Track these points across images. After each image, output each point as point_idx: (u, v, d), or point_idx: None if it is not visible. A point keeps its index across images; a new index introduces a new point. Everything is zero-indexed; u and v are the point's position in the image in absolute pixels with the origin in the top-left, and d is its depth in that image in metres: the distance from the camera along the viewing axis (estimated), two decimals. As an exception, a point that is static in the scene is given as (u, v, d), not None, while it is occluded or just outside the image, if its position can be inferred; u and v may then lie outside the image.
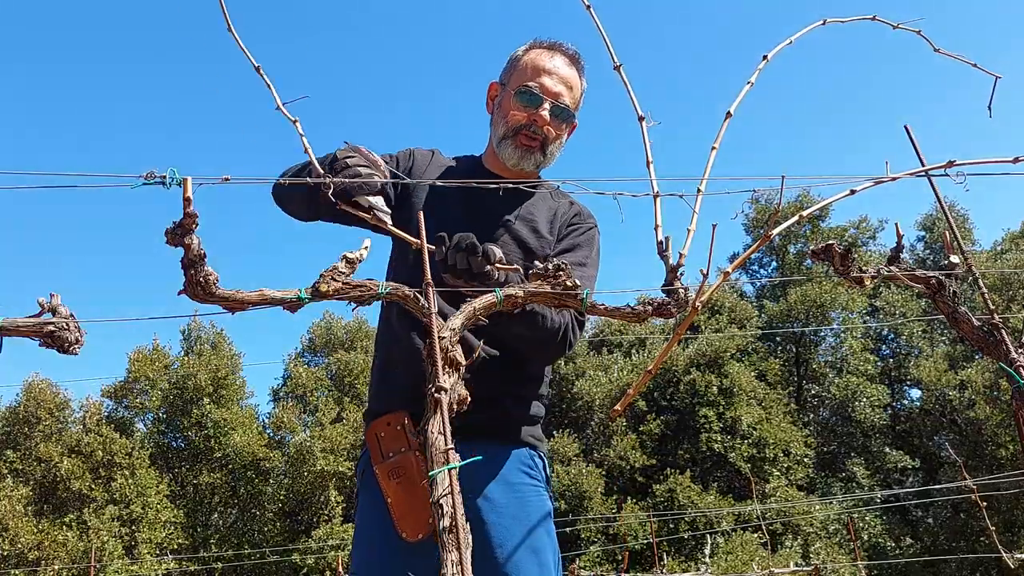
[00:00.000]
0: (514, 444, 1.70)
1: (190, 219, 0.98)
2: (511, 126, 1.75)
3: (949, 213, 1.64)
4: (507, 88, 1.80)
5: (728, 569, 14.07)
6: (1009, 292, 19.16)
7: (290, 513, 18.15)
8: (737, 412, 18.70)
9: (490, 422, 1.65)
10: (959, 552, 16.39)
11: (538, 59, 1.78)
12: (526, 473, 1.69)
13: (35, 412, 16.96)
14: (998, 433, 17.48)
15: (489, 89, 1.87)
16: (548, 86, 1.75)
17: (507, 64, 1.85)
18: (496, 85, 1.85)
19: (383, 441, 1.56)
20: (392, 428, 1.56)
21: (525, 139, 1.75)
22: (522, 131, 1.75)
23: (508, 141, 1.76)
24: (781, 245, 24.06)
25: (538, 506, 1.66)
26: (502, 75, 1.85)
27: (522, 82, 1.76)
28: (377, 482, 1.53)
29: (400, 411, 1.57)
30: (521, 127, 1.75)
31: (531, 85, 1.74)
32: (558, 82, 1.76)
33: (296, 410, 19.44)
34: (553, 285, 1.23)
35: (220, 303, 1.04)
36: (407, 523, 1.48)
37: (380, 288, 1.13)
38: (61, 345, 1.01)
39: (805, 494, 18.60)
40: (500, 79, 1.85)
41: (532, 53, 1.80)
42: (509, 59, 1.85)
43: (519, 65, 1.80)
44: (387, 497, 1.52)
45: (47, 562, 14.59)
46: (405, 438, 1.54)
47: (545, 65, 1.76)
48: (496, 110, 1.82)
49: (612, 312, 1.27)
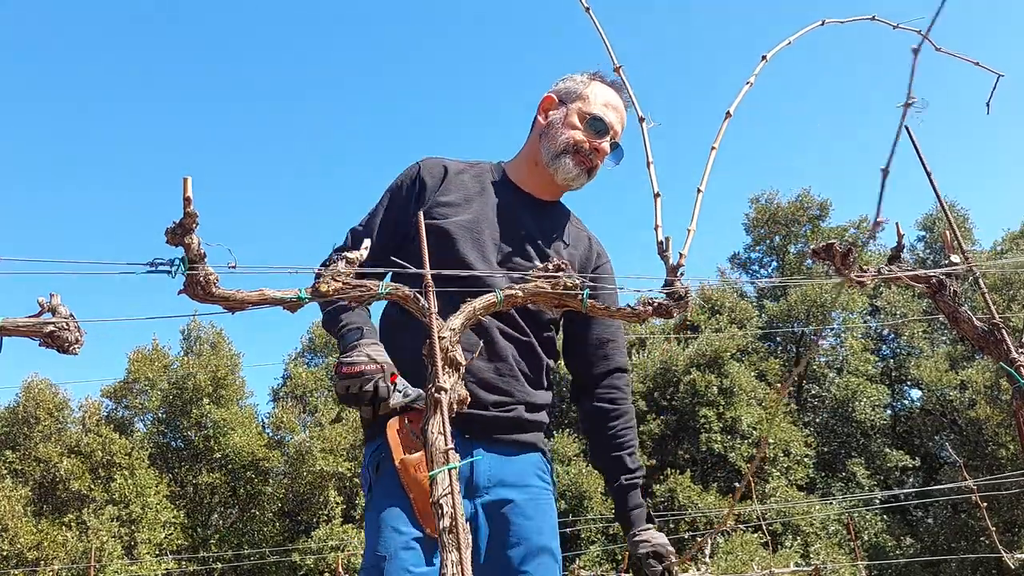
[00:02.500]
0: (531, 448, 1.77)
1: (190, 219, 0.98)
2: (573, 144, 1.83)
3: (949, 213, 1.64)
4: (569, 107, 1.87)
5: (728, 569, 14.07)
6: (1009, 292, 19.17)
7: (290, 513, 18.15)
8: (737, 412, 18.70)
9: (510, 425, 1.72)
10: (959, 552, 16.39)
11: (606, 93, 1.88)
12: (539, 476, 1.75)
13: (34, 412, 16.95)
14: (998, 433, 17.47)
15: (545, 101, 1.92)
16: (613, 122, 1.87)
17: (567, 84, 1.92)
18: (554, 99, 1.91)
19: (403, 436, 1.59)
20: (414, 424, 1.59)
21: (583, 158, 1.84)
22: (581, 153, 1.84)
23: (568, 157, 1.83)
24: (781, 245, 24.06)
25: (550, 509, 1.74)
26: (560, 93, 1.91)
27: (594, 110, 1.85)
28: (399, 476, 1.55)
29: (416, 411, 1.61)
30: (580, 149, 1.83)
31: (605, 117, 1.85)
32: (618, 121, 1.89)
33: (296, 410, 19.45)
34: (553, 285, 1.23)
35: (220, 303, 1.04)
36: (429, 519, 1.51)
37: (380, 288, 1.13)
38: (61, 345, 1.01)
39: (805, 494, 18.60)
40: (558, 96, 1.91)
41: (599, 85, 1.90)
42: (568, 80, 1.92)
43: (587, 91, 1.88)
44: (410, 492, 1.54)
45: (46, 562, 14.59)
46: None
47: (613, 102, 1.88)
48: (553, 124, 1.87)
49: (612, 312, 1.27)
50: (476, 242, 1.75)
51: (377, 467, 1.66)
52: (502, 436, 1.70)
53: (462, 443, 1.62)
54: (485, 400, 1.68)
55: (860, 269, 1.47)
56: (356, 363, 1.54)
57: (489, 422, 1.68)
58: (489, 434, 1.68)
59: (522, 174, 1.91)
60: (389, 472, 1.59)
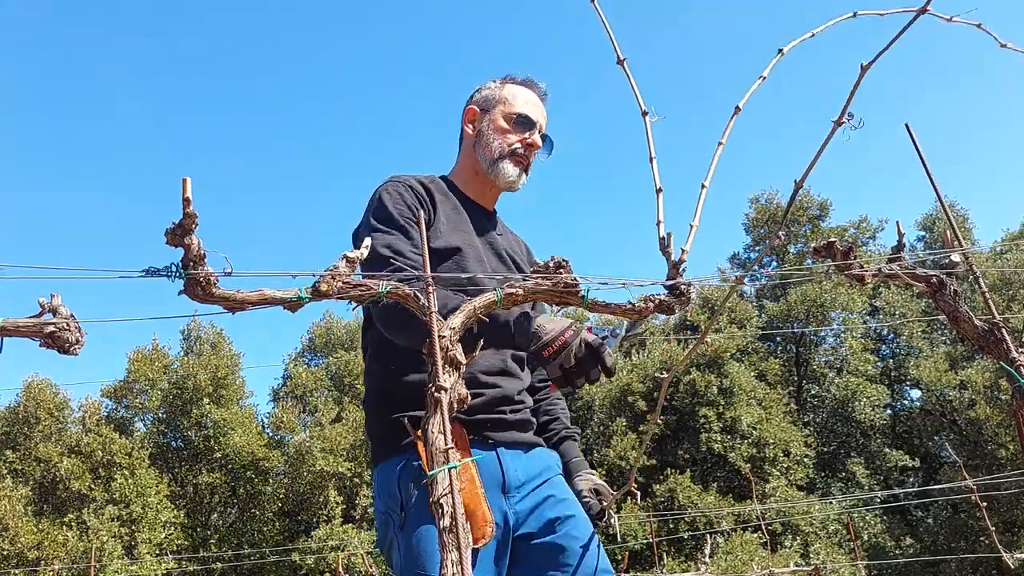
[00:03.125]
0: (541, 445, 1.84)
1: (190, 219, 0.98)
2: (508, 147, 1.89)
3: (949, 212, 1.64)
4: (492, 113, 1.93)
5: (728, 569, 14.07)
6: (1009, 292, 19.17)
7: (290, 513, 18.16)
8: (737, 412, 18.71)
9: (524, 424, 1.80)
10: (959, 552, 16.39)
11: (521, 91, 1.95)
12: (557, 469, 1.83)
13: (35, 412, 16.96)
14: (998, 433, 17.47)
15: (467, 113, 1.97)
16: (537, 116, 1.94)
17: (483, 93, 1.97)
18: (476, 111, 1.96)
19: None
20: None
21: (519, 159, 1.90)
22: (516, 154, 1.90)
23: (506, 160, 1.89)
24: (781, 245, 24.06)
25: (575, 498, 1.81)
26: (479, 102, 1.96)
27: (515, 109, 1.92)
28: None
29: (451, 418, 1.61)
30: (515, 151, 1.89)
31: (528, 113, 1.91)
32: (540, 115, 1.95)
33: (296, 410, 19.45)
34: (554, 282, 1.23)
35: (220, 303, 1.04)
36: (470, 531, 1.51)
37: (380, 288, 1.13)
38: (61, 345, 1.01)
39: (805, 494, 18.60)
40: (478, 105, 1.96)
41: (513, 86, 1.96)
42: (484, 89, 1.98)
43: (503, 94, 1.94)
44: None
45: (47, 562, 14.59)
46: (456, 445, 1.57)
47: (528, 98, 1.95)
48: (483, 132, 1.92)
49: (613, 309, 1.27)
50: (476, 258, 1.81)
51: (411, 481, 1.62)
52: (520, 436, 1.76)
53: (490, 450, 1.67)
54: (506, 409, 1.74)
55: (860, 267, 1.47)
56: (552, 338, 1.54)
57: (512, 427, 1.74)
58: (513, 437, 1.74)
59: (468, 186, 1.95)
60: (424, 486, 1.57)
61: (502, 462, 1.67)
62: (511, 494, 1.66)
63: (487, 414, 1.69)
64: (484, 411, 1.69)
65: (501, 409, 1.72)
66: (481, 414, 1.68)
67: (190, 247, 1.00)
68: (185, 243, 0.99)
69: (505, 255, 1.91)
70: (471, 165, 1.95)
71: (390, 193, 1.77)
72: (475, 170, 1.94)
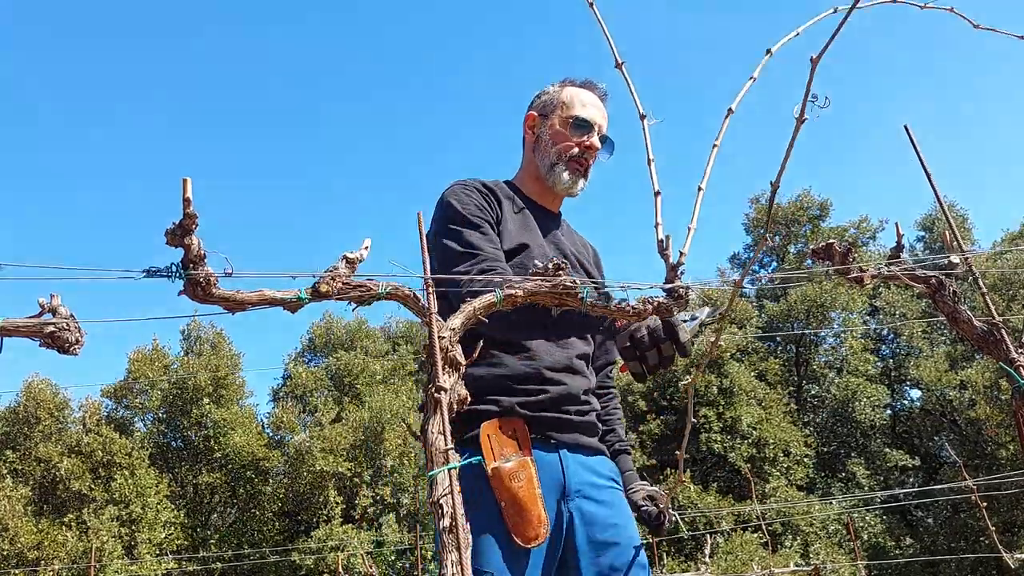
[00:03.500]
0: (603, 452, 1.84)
1: (190, 219, 0.98)
2: (565, 153, 1.90)
3: (949, 213, 1.64)
4: (551, 118, 1.94)
5: (728, 569, 14.07)
6: (1009, 292, 19.17)
7: (290, 513, 18.16)
8: (737, 412, 18.71)
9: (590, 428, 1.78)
10: (959, 552, 16.39)
11: (581, 93, 1.95)
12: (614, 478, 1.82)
13: (35, 412, 16.96)
14: (998, 433, 17.48)
15: (528, 120, 1.99)
16: (595, 117, 1.92)
17: (543, 99, 1.98)
18: (535, 116, 1.98)
19: (495, 443, 1.60)
20: (505, 432, 1.62)
21: (576, 164, 1.91)
22: (575, 158, 1.90)
23: (562, 166, 1.90)
24: (781, 245, 24.09)
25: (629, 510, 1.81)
26: (538, 107, 1.98)
27: (572, 112, 1.91)
28: (491, 484, 1.56)
29: (514, 417, 1.64)
30: (573, 155, 1.90)
31: (585, 115, 1.91)
32: (600, 116, 1.94)
33: (296, 410, 19.46)
34: (553, 284, 1.23)
35: (220, 303, 1.04)
36: (520, 530, 1.53)
37: (380, 288, 1.13)
38: (61, 345, 1.01)
39: (805, 494, 18.60)
40: (537, 110, 1.98)
41: (571, 88, 1.96)
42: (544, 94, 1.99)
43: (561, 98, 1.95)
44: (500, 501, 1.55)
45: (47, 562, 14.59)
46: (517, 443, 1.61)
47: (587, 100, 1.94)
48: (541, 138, 1.94)
49: (612, 311, 1.27)
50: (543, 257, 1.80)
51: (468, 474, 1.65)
52: (584, 440, 1.74)
53: (551, 450, 1.66)
54: (571, 410, 1.73)
55: (860, 269, 1.47)
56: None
57: (576, 429, 1.74)
58: (577, 440, 1.73)
59: (531, 189, 1.98)
60: (481, 480, 1.58)
61: (564, 465, 1.66)
62: (570, 498, 1.65)
63: (551, 412, 1.69)
64: (549, 409, 1.69)
65: (566, 408, 1.71)
66: (545, 412, 1.68)
67: (190, 247, 1.00)
68: (185, 243, 1.00)
69: (571, 256, 1.93)
70: (533, 170, 1.97)
71: (458, 196, 1.82)
72: (536, 175, 1.96)
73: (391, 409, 17.60)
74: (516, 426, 1.63)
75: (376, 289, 1.13)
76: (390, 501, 17.51)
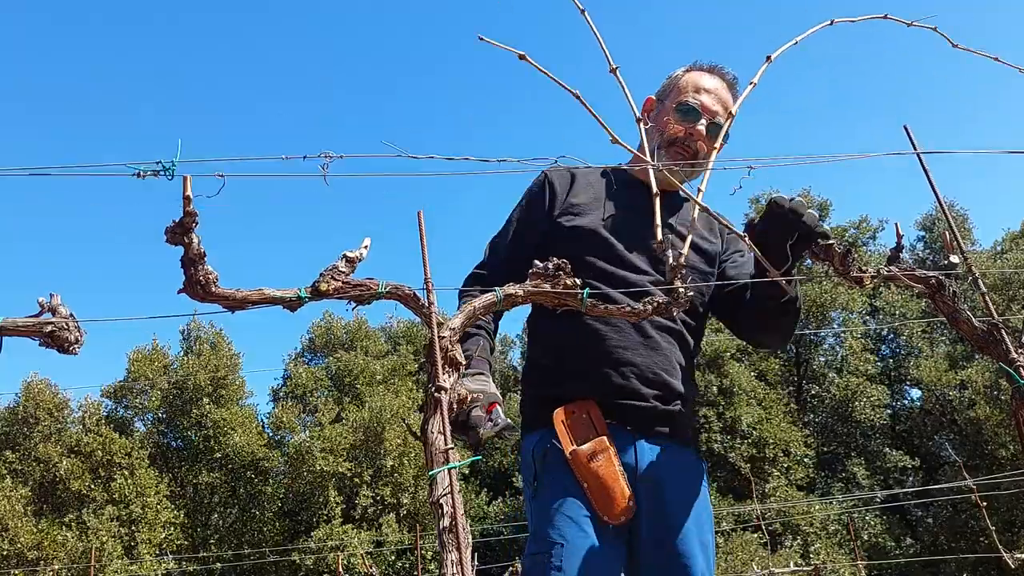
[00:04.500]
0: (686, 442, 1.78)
1: (190, 217, 0.98)
2: (667, 138, 1.85)
3: (949, 213, 1.64)
4: (665, 104, 1.91)
5: (728, 569, 14.07)
6: (1009, 292, 19.17)
7: (290, 513, 18.15)
8: (737, 412, 18.71)
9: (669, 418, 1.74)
10: (959, 552, 16.38)
11: (699, 79, 1.89)
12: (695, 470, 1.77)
13: (34, 412, 16.95)
14: (998, 433, 17.47)
15: (645, 103, 1.97)
16: (707, 104, 1.85)
17: (666, 82, 1.96)
18: (653, 100, 1.96)
19: (571, 428, 1.63)
20: (579, 416, 1.64)
21: (679, 149, 1.84)
22: (677, 143, 1.84)
23: (662, 152, 1.85)
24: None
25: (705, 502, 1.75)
26: (659, 92, 1.96)
27: (681, 98, 1.86)
28: (571, 467, 1.60)
29: (586, 400, 1.66)
30: (676, 140, 1.84)
31: (691, 101, 1.84)
32: (715, 102, 1.86)
33: (296, 410, 19.45)
34: (553, 284, 1.23)
35: (220, 302, 1.04)
36: (608, 506, 1.56)
37: (380, 287, 1.13)
38: (61, 345, 1.01)
39: (805, 494, 18.60)
40: (657, 95, 1.96)
41: (693, 73, 1.91)
42: (668, 78, 1.96)
43: (679, 83, 1.91)
44: (583, 481, 1.58)
45: (46, 562, 14.59)
46: (592, 425, 1.63)
47: (705, 85, 1.87)
48: (652, 123, 1.90)
49: (612, 311, 1.27)
50: (608, 241, 1.79)
51: (544, 456, 1.68)
52: (661, 429, 1.71)
53: (624, 435, 1.66)
54: (646, 393, 1.70)
55: (859, 269, 1.47)
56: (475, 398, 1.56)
57: (649, 415, 1.70)
58: (651, 427, 1.70)
59: (639, 172, 1.92)
60: (558, 462, 1.62)
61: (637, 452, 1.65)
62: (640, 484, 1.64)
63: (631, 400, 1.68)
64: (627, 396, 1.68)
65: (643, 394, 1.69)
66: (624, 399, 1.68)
67: (190, 245, 1.00)
68: (185, 241, 1.00)
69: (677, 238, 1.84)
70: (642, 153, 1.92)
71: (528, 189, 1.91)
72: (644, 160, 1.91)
73: (391, 409, 17.59)
74: (587, 408, 1.65)
75: (376, 288, 1.13)
76: (390, 501, 17.51)
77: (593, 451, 1.58)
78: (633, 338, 1.71)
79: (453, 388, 1.12)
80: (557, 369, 1.77)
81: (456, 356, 1.13)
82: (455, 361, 1.13)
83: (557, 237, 1.80)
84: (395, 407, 17.70)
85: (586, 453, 1.59)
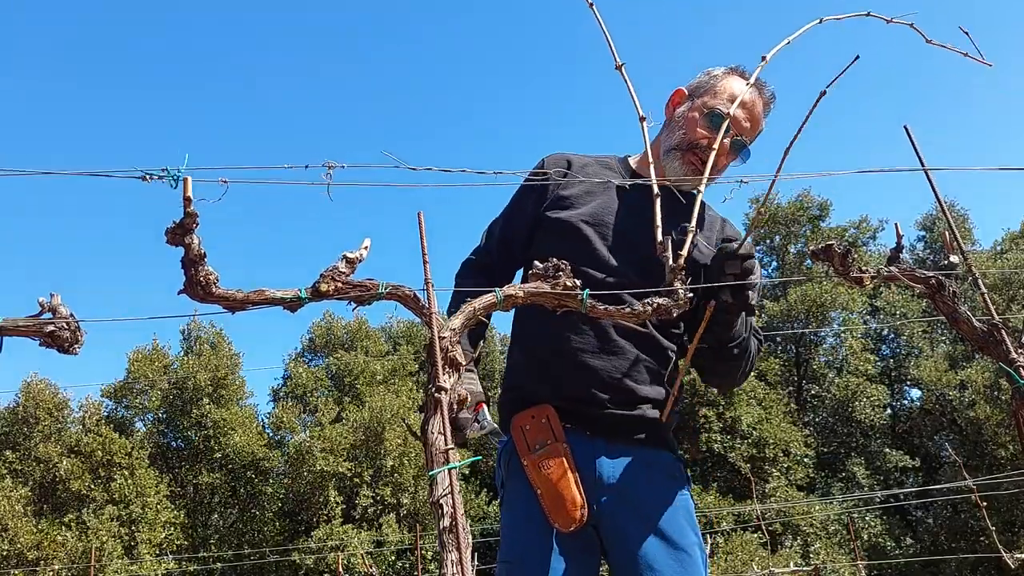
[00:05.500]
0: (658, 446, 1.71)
1: (190, 218, 0.98)
2: (688, 140, 1.75)
3: (949, 213, 1.64)
4: (695, 101, 1.80)
5: (728, 569, 14.07)
6: (1009, 292, 19.18)
7: (290, 513, 18.16)
8: (737, 412, 18.71)
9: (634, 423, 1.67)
10: (959, 552, 16.39)
11: (739, 88, 1.75)
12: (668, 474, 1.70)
13: (34, 412, 16.95)
14: (998, 433, 17.48)
15: (674, 94, 1.86)
16: (739, 118, 1.74)
17: (703, 78, 1.84)
18: (684, 93, 1.85)
19: (528, 433, 1.61)
20: (537, 421, 1.62)
21: (694, 157, 1.74)
22: (696, 150, 1.74)
23: (677, 153, 1.76)
24: (781, 245, 24.07)
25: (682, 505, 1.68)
26: (692, 86, 1.84)
27: (717, 105, 1.75)
28: (526, 474, 1.58)
29: (544, 404, 1.63)
30: (698, 146, 1.74)
31: (724, 112, 1.70)
32: (748, 118, 1.76)
33: (296, 410, 19.45)
34: (552, 285, 1.23)
35: (220, 302, 1.04)
36: (559, 514, 1.54)
37: (380, 288, 1.13)
38: (61, 345, 1.01)
39: (805, 494, 18.60)
40: (688, 89, 1.84)
41: (734, 80, 1.79)
42: (706, 74, 1.84)
43: (717, 86, 1.79)
44: (536, 488, 1.56)
45: (46, 562, 14.59)
46: (550, 430, 1.60)
47: (744, 98, 1.72)
48: (676, 119, 1.81)
49: (612, 313, 1.27)
50: (598, 235, 1.72)
51: (508, 464, 1.68)
52: (625, 434, 1.65)
53: (584, 441, 1.61)
54: (602, 399, 1.64)
55: (859, 269, 1.47)
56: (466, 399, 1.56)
57: (608, 420, 1.64)
58: (612, 432, 1.64)
59: (643, 166, 1.81)
60: (518, 468, 1.61)
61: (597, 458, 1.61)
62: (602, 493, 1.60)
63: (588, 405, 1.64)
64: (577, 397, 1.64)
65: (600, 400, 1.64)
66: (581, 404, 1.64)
67: (190, 246, 1.00)
68: (185, 242, 1.00)
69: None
70: (655, 148, 1.80)
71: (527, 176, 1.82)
72: (656, 154, 1.78)
73: (391, 409, 17.59)
74: (546, 413, 1.62)
75: (376, 288, 1.13)
76: (390, 501, 17.51)
77: (546, 456, 1.56)
78: (593, 343, 1.65)
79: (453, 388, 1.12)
80: (524, 372, 1.74)
81: (456, 357, 1.13)
82: (455, 361, 1.13)
83: (540, 229, 1.77)
84: (395, 407, 17.70)
85: (538, 460, 1.57)
